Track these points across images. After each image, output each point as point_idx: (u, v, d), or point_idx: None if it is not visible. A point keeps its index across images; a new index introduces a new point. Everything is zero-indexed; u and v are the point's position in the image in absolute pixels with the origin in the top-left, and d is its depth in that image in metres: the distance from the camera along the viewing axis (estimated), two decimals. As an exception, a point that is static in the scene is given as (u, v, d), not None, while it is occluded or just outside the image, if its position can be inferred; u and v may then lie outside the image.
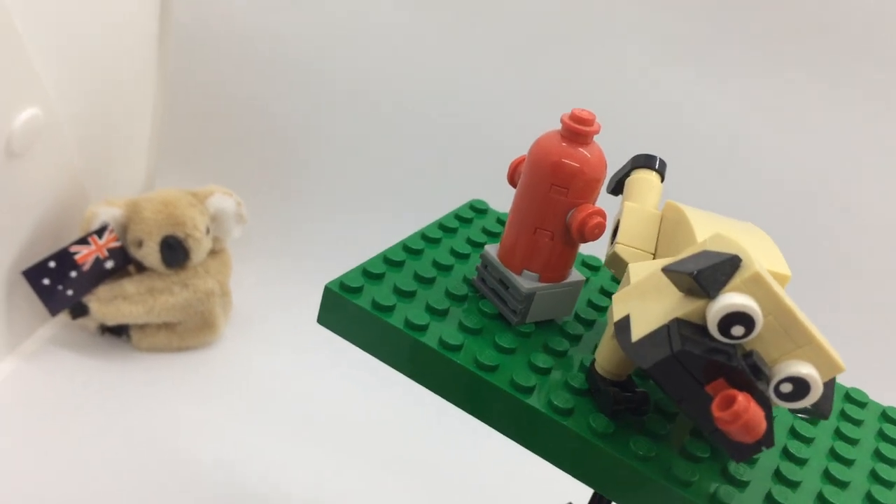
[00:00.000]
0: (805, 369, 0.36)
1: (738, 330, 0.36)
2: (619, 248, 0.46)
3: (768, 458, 0.45)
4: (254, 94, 1.12)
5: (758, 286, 0.36)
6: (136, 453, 0.83)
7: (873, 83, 0.99)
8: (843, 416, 0.51)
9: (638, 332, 0.39)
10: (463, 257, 0.56)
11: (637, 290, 0.41)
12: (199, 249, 0.94)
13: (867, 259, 1.04)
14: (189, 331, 0.98)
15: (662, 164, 0.50)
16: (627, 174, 0.50)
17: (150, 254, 0.92)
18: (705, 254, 0.38)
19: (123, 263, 0.94)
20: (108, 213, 0.92)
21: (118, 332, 0.97)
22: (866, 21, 0.97)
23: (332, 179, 1.15)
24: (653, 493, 0.41)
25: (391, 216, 1.12)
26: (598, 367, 0.44)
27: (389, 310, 0.50)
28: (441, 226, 0.59)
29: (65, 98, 0.87)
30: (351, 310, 0.51)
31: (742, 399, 0.35)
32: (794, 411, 0.40)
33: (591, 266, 0.58)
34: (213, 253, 0.99)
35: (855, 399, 0.52)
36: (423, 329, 0.49)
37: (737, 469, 0.43)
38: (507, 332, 0.49)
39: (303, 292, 1.12)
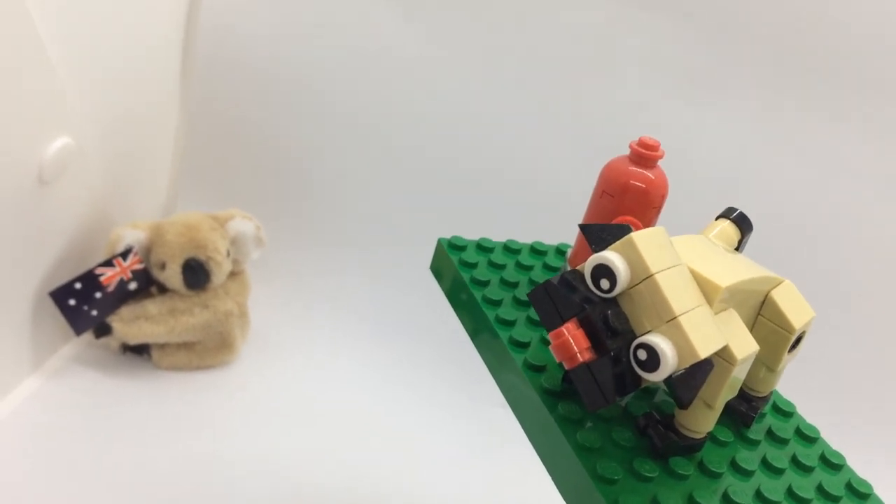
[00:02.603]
0: (659, 341, 0.40)
1: (604, 282, 0.41)
2: None
3: None
4: (271, 121, 1.15)
5: (631, 250, 0.41)
6: (155, 468, 0.86)
7: (879, 114, 1.02)
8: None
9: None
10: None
11: None
12: (220, 272, 0.97)
13: (873, 286, 1.07)
14: (208, 350, 1.00)
15: (748, 223, 0.53)
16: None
17: (172, 275, 0.95)
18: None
19: (146, 285, 0.97)
20: (132, 235, 0.94)
21: (139, 351, 0.99)
22: (870, 53, 1.00)
23: (347, 204, 1.18)
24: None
25: (405, 241, 1.14)
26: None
27: (471, 266, 0.62)
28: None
29: (92, 124, 0.90)
30: (448, 264, 0.63)
31: (569, 327, 0.40)
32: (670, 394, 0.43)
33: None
34: (233, 275, 1.02)
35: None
36: (482, 284, 0.60)
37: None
38: None
39: (317, 312, 1.15)
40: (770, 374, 0.51)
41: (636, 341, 0.41)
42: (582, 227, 0.43)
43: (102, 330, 0.94)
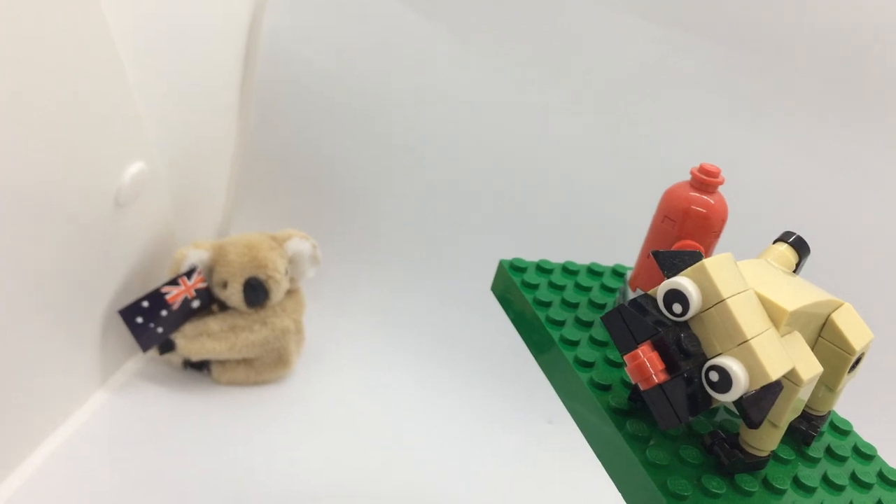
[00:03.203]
0: (731, 363, 0.42)
1: (676, 307, 0.43)
2: None
3: None
4: (326, 143, 1.18)
5: (703, 276, 0.43)
6: (214, 479, 0.89)
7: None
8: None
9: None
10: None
11: None
12: (279, 290, 1.00)
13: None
14: (265, 366, 1.04)
15: (805, 248, 0.55)
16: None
17: (233, 294, 0.98)
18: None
19: (208, 303, 1.01)
20: (196, 255, 0.98)
21: (199, 366, 1.03)
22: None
23: (399, 224, 1.21)
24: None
25: (456, 260, 1.17)
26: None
27: (533, 287, 0.64)
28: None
29: (161, 149, 0.94)
30: (510, 285, 0.66)
31: (644, 349, 0.43)
32: (738, 414, 0.46)
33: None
34: (289, 292, 1.05)
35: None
36: (545, 305, 0.62)
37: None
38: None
39: (369, 329, 1.18)
40: (829, 393, 0.53)
41: (708, 363, 0.43)
42: (654, 253, 0.46)
43: (167, 346, 0.98)
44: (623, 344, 0.45)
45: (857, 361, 0.52)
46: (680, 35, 1.05)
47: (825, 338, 0.51)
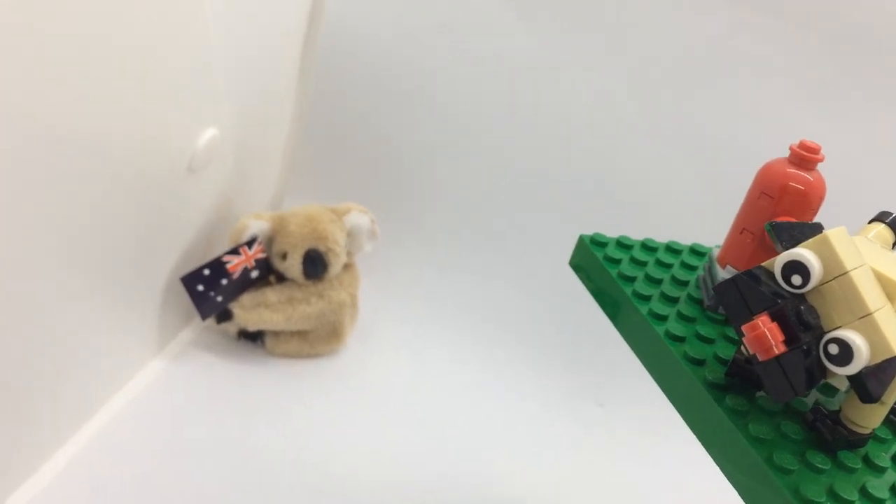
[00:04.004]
0: (854, 336, 0.41)
1: (796, 278, 0.43)
2: None
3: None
4: (384, 118, 1.18)
5: (825, 247, 0.43)
6: (265, 449, 0.89)
7: None
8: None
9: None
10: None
11: None
12: (337, 263, 1.00)
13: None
14: (319, 339, 1.04)
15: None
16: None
17: (292, 265, 0.99)
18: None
19: (266, 273, 1.01)
20: (257, 225, 0.98)
21: (254, 337, 1.03)
22: None
23: (455, 201, 1.20)
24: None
25: (512, 239, 1.17)
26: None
27: (616, 262, 0.64)
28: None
29: (229, 116, 0.94)
30: (590, 258, 0.66)
31: (764, 320, 0.42)
32: (853, 386, 0.45)
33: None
34: (345, 266, 1.05)
35: None
36: (629, 279, 0.62)
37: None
38: (696, 310, 0.59)
39: (420, 306, 1.18)
40: (928, 374, 0.52)
41: (828, 336, 0.42)
42: (774, 225, 0.45)
43: (224, 316, 0.98)
44: (736, 314, 0.45)
45: None
46: (745, 16, 1.04)
47: None
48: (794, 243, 0.44)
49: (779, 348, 0.42)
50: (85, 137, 0.65)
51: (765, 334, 0.42)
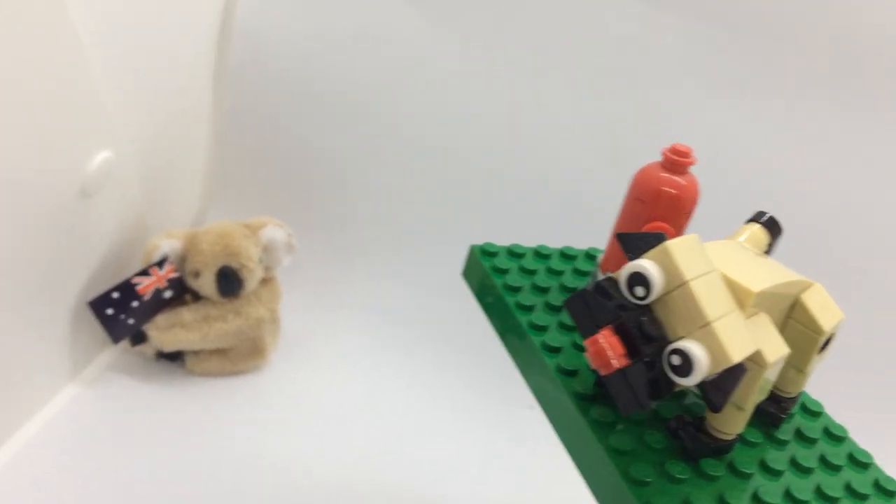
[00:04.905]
0: (692, 346, 0.41)
1: (639, 290, 0.42)
2: None
3: None
4: (302, 129, 1.17)
5: (665, 257, 0.42)
6: (189, 471, 0.87)
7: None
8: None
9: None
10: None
11: None
12: (252, 279, 0.99)
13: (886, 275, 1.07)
14: (240, 356, 1.02)
15: (777, 228, 0.54)
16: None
17: (206, 283, 0.97)
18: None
19: (181, 293, 0.99)
20: (167, 245, 0.96)
21: (173, 357, 1.01)
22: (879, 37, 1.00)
23: (377, 210, 1.19)
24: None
25: (434, 246, 1.16)
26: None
27: (503, 272, 0.63)
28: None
29: (130, 136, 0.92)
30: (481, 270, 0.65)
31: (605, 333, 0.42)
32: (702, 398, 0.45)
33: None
34: (264, 281, 1.03)
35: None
36: (515, 290, 0.62)
37: None
38: None
39: (346, 318, 1.17)
40: (799, 375, 0.52)
41: (670, 347, 0.42)
42: (619, 235, 0.45)
43: (139, 338, 0.96)
44: (585, 329, 0.44)
45: (828, 342, 0.51)
46: (655, 13, 1.04)
47: (794, 318, 0.50)
48: (638, 254, 0.43)
49: (619, 362, 0.42)
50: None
51: (603, 349, 0.42)
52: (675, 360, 0.42)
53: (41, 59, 0.71)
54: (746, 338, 0.42)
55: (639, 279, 0.42)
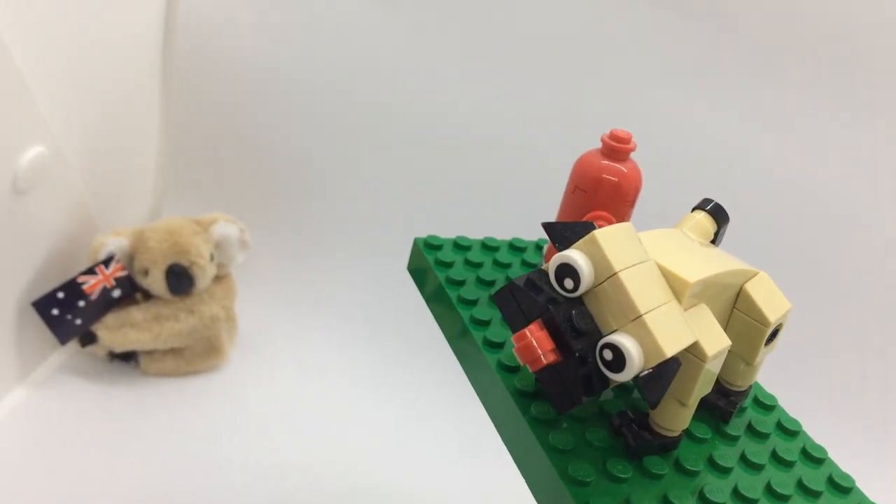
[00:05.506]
0: (624, 340, 0.39)
1: (568, 282, 0.40)
2: None
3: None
4: (255, 123, 1.14)
5: (594, 248, 0.40)
6: (145, 474, 0.85)
7: (876, 97, 1.01)
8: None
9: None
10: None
11: None
12: (204, 276, 0.96)
13: (871, 273, 1.06)
14: (196, 355, 1.00)
15: (724, 215, 0.52)
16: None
17: (155, 282, 0.94)
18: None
19: (130, 291, 0.96)
20: (114, 243, 0.94)
21: (127, 358, 0.99)
22: (865, 38, 0.99)
23: (333, 206, 1.17)
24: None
25: (391, 242, 1.13)
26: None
27: (447, 265, 0.61)
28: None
29: (69, 132, 0.89)
30: (423, 262, 0.62)
31: (532, 328, 0.40)
32: (640, 392, 0.42)
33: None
34: (218, 279, 1.01)
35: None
36: (458, 284, 0.59)
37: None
38: None
39: (306, 316, 1.15)
40: (748, 367, 0.50)
41: (602, 341, 0.40)
42: (545, 225, 0.42)
43: (88, 338, 0.94)
44: (515, 323, 0.42)
45: (775, 333, 0.49)
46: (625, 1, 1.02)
47: (739, 309, 0.48)
48: (567, 244, 0.41)
49: (547, 357, 0.39)
50: None
51: (531, 344, 0.39)
52: (607, 354, 0.39)
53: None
54: (682, 330, 0.40)
55: (567, 271, 0.40)
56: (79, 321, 0.92)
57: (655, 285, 0.41)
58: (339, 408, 1.01)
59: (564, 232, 0.41)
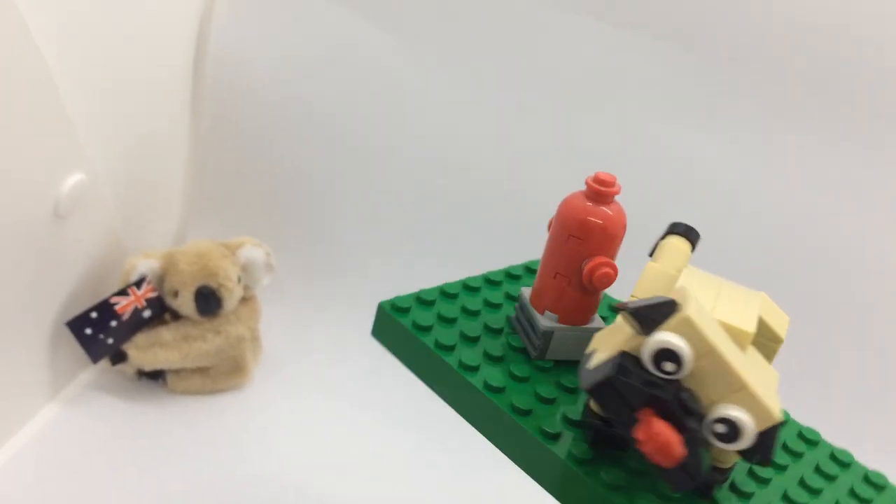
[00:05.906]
0: (735, 412, 0.40)
1: (669, 366, 0.41)
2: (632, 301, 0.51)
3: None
4: (278, 152, 1.17)
5: (689, 328, 0.40)
6: (172, 490, 0.87)
7: (880, 138, 1.03)
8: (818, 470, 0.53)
9: (595, 361, 0.43)
10: (513, 300, 0.62)
11: (609, 329, 0.46)
12: (231, 298, 0.99)
13: (876, 312, 1.07)
14: (221, 374, 1.02)
15: (695, 233, 0.53)
16: (662, 238, 0.54)
17: (185, 303, 0.97)
18: (653, 298, 0.42)
19: (160, 312, 0.99)
20: (145, 265, 0.97)
21: (154, 376, 1.01)
22: (870, 77, 1.01)
23: (357, 230, 1.19)
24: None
25: (412, 267, 1.16)
26: (593, 406, 0.48)
27: (426, 330, 0.57)
28: (506, 273, 0.65)
29: (104, 158, 0.92)
30: (396, 327, 0.59)
31: (657, 423, 0.40)
32: (745, 458, 0.44)
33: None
34: (244, 300, 1.03)
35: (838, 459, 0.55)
36: (449, 349, 0.56)
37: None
38: (524, 363, 0.54)
39: (328, 337, 1.17)
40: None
41: (713, 416, 0.41)
42: (631, 312, 0.41)
43: (118, 357, 0.96)
44: (618, 413, 0.42)
45: None
46: (624, 34, 1.04)
47: None
48: (653, 327, 0.41)
49: (680, 451, 0.40)
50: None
51: (668, 443, 0.39)
52: (719, 428, 0.41)
53: (6, 84, 0.71)
54: (770, 387, 0.42)
55: (668, 355, 0.41)
56: (111, 340, 0.94)
57: (734, 348, 0.42)
58: (360, 427, 1.02)
59: (651, 315, 0.41)
